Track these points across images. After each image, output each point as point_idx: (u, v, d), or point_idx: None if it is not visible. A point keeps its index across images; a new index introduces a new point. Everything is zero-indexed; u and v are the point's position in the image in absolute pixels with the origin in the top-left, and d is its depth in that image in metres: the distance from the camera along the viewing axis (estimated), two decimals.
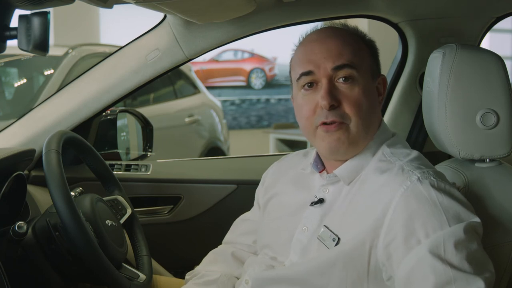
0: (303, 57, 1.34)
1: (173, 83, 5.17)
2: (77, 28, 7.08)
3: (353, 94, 1.29)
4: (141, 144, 2.37)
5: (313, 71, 1.30)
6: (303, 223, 1.35)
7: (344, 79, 1.29)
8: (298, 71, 1.33)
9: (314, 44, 1.33)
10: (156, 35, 1.90)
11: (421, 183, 1.20)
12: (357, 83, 1.29)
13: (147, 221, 2.02)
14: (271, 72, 10.00)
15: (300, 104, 1.33)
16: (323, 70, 1.29)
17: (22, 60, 4.45)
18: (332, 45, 1.31)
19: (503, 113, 1.39)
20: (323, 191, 1.35)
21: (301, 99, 1.33)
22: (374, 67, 1.37)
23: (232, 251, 1.56)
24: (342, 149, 1.30)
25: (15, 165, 1.59)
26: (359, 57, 1.32)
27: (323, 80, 1.29)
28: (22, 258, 1.45)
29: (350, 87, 1.29)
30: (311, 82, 1.31)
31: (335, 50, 1.30)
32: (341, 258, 1.22)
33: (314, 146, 1.38)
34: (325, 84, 1.29)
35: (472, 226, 1.18)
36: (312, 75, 1.31)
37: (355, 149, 1.32)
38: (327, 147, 1.30)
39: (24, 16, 1.06)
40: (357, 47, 1.34)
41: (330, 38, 1.33)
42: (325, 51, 1.31)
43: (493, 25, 1.99)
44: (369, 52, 1.37)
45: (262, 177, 1.59)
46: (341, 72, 1.29)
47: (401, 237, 1.17)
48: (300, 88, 1.33)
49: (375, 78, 1.36)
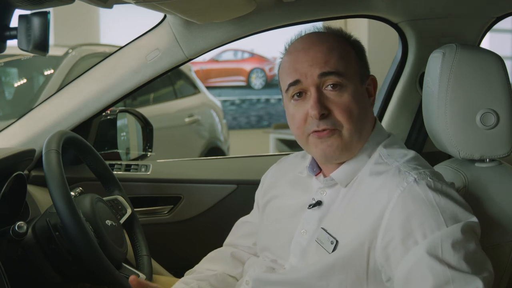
0: (289, 67, 1.33)
1: (173, 83, 5.17)
2: (77, 28, 7.07)
3: (343, 101, 1.28)
4: (141, 144, 2.37)
5: (300, 80, 1.29)
6: (301, 226, 1.35)
7: (332, 86, 1.28)
8: (286, 81, 1.32)
9: (299, 53, 1.32)
10: (156, 35, 1.90)
11: (418, 184, 1.20)
12: (345, 89, 1.28)
13: (147, 221, 2.02)
14: (271, 72, 9.99)
15: (292, 113, 1.33)
16: (310, 78, 1.28)
17: (22, 60, 4.45)
18: (317, 52, 1.30)
19: (503, 113, 1.39)
20: (320, 193, 1.35)
21: (292, 109, 1.33)
22: (362, 69, 1.36)
23: (231, 252, 1.56)
24: (336, 154, 1.30)
25: (15, 165, 1.59)
26: (346, 62, 1.31)
27: (311, 89, 1.28)
28: (22, 258, 1.45)
29: (339, 94, 1.28)
30: (300, 92, 1.30)
31: (320, 58, 1.29)
32: (340, 261, 1.22)
33: (308, 152, 1.38)
34: (314, 93, 1.28)
35: (470, 226, 1.18)
36: (300, 84, 1.30)
37: (349, 153, 1.31)
38: (321, 154, 1.30)
39: (24, 16, 1.06)
40: (343, 51, 1.32)
41: (315, 45, 1.31)
42: (311, 59, 1.29)
43: (493, 25, 1.99)
44: (355, 54, 1.35)
45: (261, 179, 1.59)
46: (329, 80, 1.28)
47: (398, 238, 1.17)
48: (289, 98, 1.33)
49: (364, 80, 1.35)
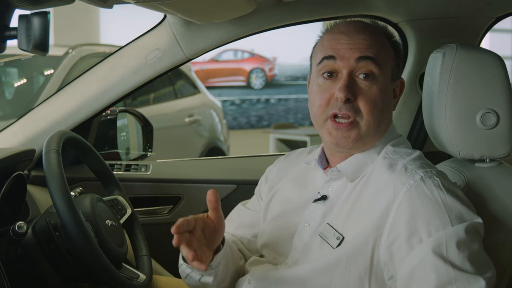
0: (328, 45, 1.33)
1: (173, 83, 5.17)
2: (77, 28, 7.08)
3: (371, 92, 1.28)
4: (141, 144, 2.37)
5: (336, 58, 1.29)
6: (305, 220, 1.35)
7: (364, 76, 1.28)
8: (320, 55, 1.32)
9: (342, 35, 1.32)
10: (156, 35, 1.90)
11: (425, 183, 1.21)
12: (376, 81, 1.29)
13: (147, 221, 2.01)
14: (271, 72, 9.99)
15: (316, 91, 1.33)
16: (347, 61, 1.29)
17: (22, 60, 4.45)
18: (360, 38, 1.31)
19: (503, 113, 1.39)
20: (326, 188, 1.35)
21: (318, 86, 1.32)
22: (396, 69, 1.37)
23: None
24: (350, 145, 1.30)
25: (15, 165, 1.59)
26: (384, 56, 1.32)
27: (344, 71, 1.28)
28: (22, 258, 1.45)
29: (369, 85, 1.29)
30: (331, 72, 1.30)
31: (362, 44, 1.30)
32: (344, 257, 1.22)
33: (320, 135, 1.37)
34: (345, 76, 1.28)
35: (474, 226, 1.18)
36: (334, 62, 1.30)
37: (361, 145, 1.32)
38: (333, 142, 1.30)
39: (24, 16, 1.06)
40: (383, 45, 1.33)
41: (359, 33, 1.32)
42: (352, 43, 1.30)
43: (493, 25, 1.99)
44: (393, 52, 1.36)
45: (265, 171, 1.58)
46: (364, 66, 1.28)
47: (403, 236, 1.17)
48: (319, 74, 1.32)
49: (394, 80, 1.36)
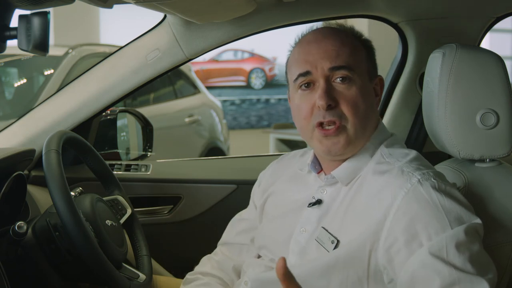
0: (300, 58, 1.33)
1: (173, 83, 5.17)
2: (77, 28, 7.08)
3: (351, 94, 1.29)
4: (141, 144, 2.37)
5: (310, 71, 1.30)
6: (301, 224, 1.34)
7: (341, 79, 1.29)
8: (295, 71, 1.33)
9: (311, 44, 1.33)
10: (156, 35, 1.90)
11: (422, 185, 1.20)
12: (354, 83, 1.29)
13: (147, 221, 2.01)
14: (271, 72, 9.99)
15: (298, 104, 1.33)
16: (320, 70, 1.29)
17: (22, 60, 4.45)
18: (329, 45, 1.31)
19: (503, 113, 1.39)
20: (320, 192, 1.35)
21: (298, 99, 1.33)
22: (371, 68, 1.37)
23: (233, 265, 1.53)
24: (341, 151, 1.30)
25: (15, 165, 1.59)
26: (356, 58, 1.32)
27: (320, 80, 1.29)
28: (22, 258, 1.45)
29: (347, 87, 1.29)
30: (308, 83, 1.31)
31: (332, 51, 1.30)
32: (341, 260, 1.22)
33: (311, 146, 1.38)
34: (322, 84, 1.28)
35: (474, 227, 1.18)
36: (310, 75, 1.30)
37: (352, 149, 1.32)
38: (325, 150, 1.31)
39: (24, 16, 1.06)
40: (354, 47, 1.33)
41: (327, 39, 1.33)
42: (322, 52, 1.30)
43: (493, 25, 1.99)
44: (365, 52, 1.36)
45: (259, 176, 1.58)
46: (338, 73, 1.29)
47: (402, 240, 1.16)
48: (297, 88, 1.33)
49: (372, 79, 1.36)
